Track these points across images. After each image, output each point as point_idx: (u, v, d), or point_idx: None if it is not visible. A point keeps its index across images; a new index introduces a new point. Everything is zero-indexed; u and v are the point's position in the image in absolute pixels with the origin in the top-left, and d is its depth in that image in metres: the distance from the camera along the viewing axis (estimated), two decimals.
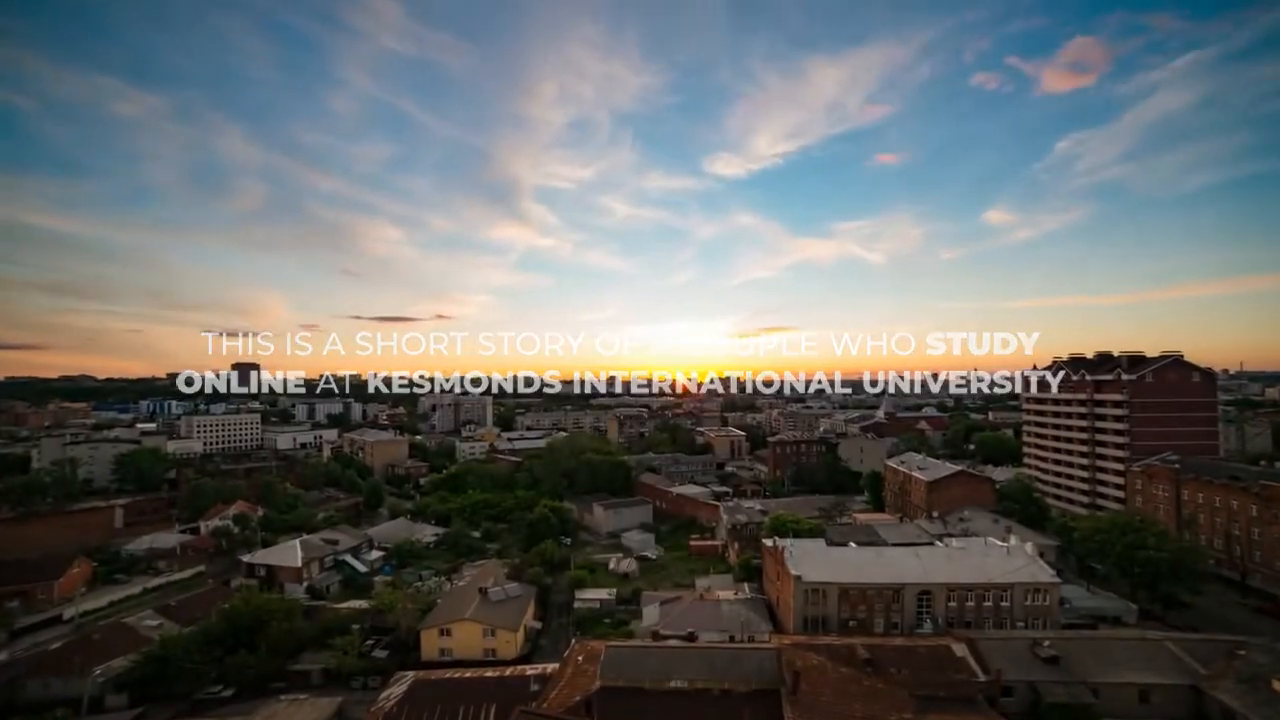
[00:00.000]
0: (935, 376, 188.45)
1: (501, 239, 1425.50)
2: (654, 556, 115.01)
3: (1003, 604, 69.06)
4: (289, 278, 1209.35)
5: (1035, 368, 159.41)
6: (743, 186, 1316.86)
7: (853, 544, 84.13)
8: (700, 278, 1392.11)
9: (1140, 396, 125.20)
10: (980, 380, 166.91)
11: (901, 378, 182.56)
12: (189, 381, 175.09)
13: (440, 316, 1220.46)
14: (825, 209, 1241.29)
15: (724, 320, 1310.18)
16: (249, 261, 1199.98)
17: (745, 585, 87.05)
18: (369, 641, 73.54)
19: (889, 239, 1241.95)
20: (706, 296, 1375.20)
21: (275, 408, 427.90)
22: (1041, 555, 77.14)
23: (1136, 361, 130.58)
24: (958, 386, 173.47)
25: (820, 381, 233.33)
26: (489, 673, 57.50)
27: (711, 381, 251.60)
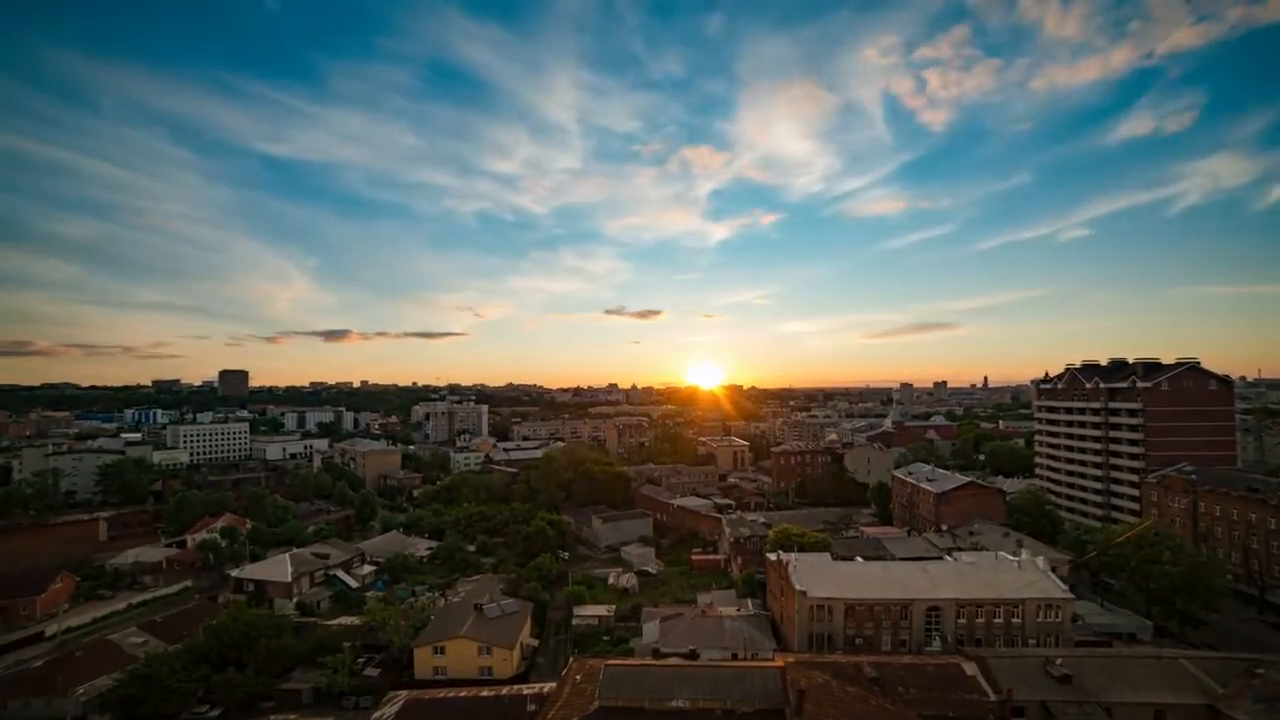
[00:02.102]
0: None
1: (734, 133, 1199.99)
2: (654, 571, 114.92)
3: (1014, 621, 69.06)
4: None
5: (1047, 375, 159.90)
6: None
7: (859, 558, 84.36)
8: (954, 235, 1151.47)
9: (1156, 405, 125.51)
10: None
11: None
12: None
13: (477, 315, 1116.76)
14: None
15: (902, 312, 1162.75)
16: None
17: (748, 601, 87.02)
18: (361, 659, 73.48)
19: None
20: (925, 267, 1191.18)
21: (264, 416, 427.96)
22: (1054, 570, 77.18)
23: (1152, 368, 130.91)
24: None
25: None
26: (484, 692, 57.58)
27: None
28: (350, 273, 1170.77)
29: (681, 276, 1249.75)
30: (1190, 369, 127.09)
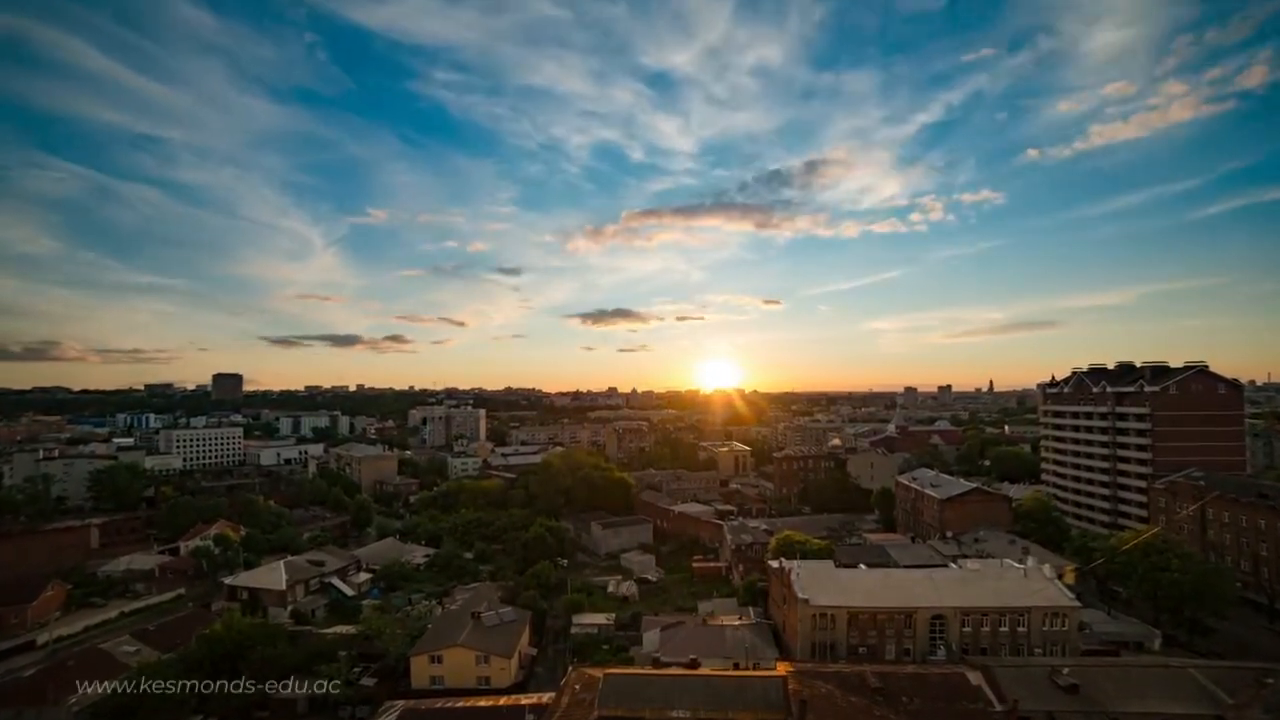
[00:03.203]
0: None
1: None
2: (654, 579, 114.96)
3: (1020, 629, 69.09)
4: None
5: (1053, 378, 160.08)
6: None
7: (863, 566, 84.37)
8: (1130, 211, 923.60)
9: (1164, 409, 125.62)
10: None
11: None
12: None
13: (489, 317, 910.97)
14: None
15: (1003, 309, 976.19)
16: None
17: (750, 609, 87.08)
18: (357, 668, 73.47)
19: None
20: (1082, 246, 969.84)
21: (259, 421, 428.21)
22: (1060, 577, 77.24)
23: (1160, 372, 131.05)
24: None
25: None
26: (482, 702, 57.64)
27: None
28: (385, 244, 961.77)
29: (785, 260, 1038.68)
30: (1199, 372, 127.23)
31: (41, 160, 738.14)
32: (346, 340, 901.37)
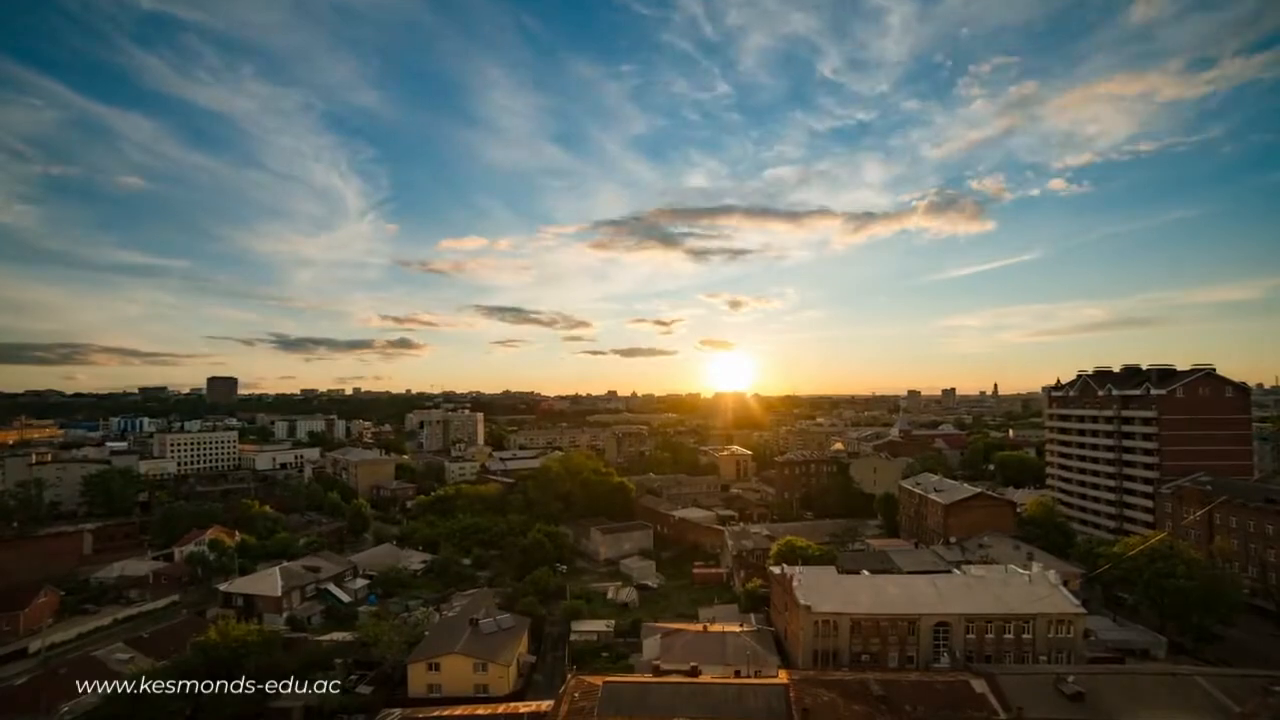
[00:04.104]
0: None
1: None
2: (655, 585, 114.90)
3: (1024, 636, 69.12)
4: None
5: (1059, 381, 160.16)
6: None
7: (865, 572, 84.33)
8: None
9: (1170, 413, 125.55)
10: None
11: None
12: None
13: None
14: None
15: (1100, 305, 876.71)
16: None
17: (751, 616, 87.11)
18: (353, 676, 73.56)
19: None
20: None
21: (253, 425, 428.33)
22: (1065, 584, 77.24)
23: (1166, 375, 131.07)
24: None
25: None
26: (480, 710, 57.64)
27: None
28: (430, 207, 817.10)
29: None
30: (1206, 376, 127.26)
31: (11, 72, 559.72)
32: (356, 345, 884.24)
